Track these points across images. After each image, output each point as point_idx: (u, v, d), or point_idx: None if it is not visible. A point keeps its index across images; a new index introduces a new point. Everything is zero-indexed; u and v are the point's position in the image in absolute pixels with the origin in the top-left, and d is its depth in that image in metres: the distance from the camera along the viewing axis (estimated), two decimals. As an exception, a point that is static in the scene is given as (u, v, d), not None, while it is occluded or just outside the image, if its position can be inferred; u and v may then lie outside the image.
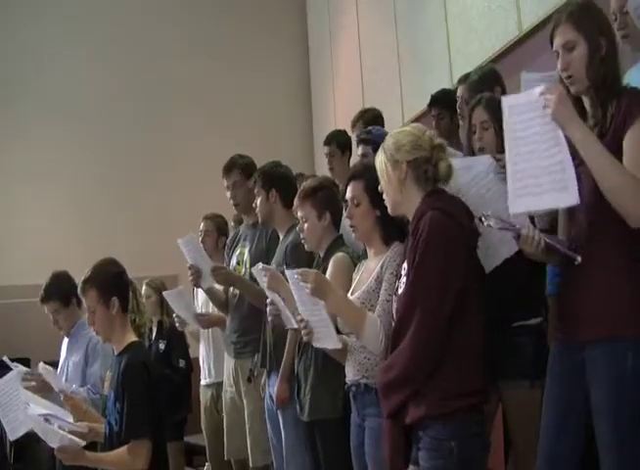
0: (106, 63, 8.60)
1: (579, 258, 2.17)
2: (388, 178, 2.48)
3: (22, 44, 8.40)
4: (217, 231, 4.80)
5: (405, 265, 2.40)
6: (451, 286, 2.28)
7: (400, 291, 2.42)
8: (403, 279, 2.40)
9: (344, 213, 2.94)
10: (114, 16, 8.73)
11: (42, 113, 8.35)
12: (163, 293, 4.70)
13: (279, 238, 3.84)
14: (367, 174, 2.84)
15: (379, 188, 2.54)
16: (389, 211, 2.55)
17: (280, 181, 3.81)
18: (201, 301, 4.91)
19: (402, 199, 2.47)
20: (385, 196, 2.53)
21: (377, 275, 2.71)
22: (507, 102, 2.23)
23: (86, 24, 8.62)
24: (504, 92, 3.51)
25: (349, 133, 4.65)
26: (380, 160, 2.52)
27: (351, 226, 2.86)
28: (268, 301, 3.21)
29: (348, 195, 2.86)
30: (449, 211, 2.36)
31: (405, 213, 2.49)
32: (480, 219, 2.23)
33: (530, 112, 2.16)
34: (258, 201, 3.84)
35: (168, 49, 8.80)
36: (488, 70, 3.71)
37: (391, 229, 2.78)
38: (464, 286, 2.29)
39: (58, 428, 2.84)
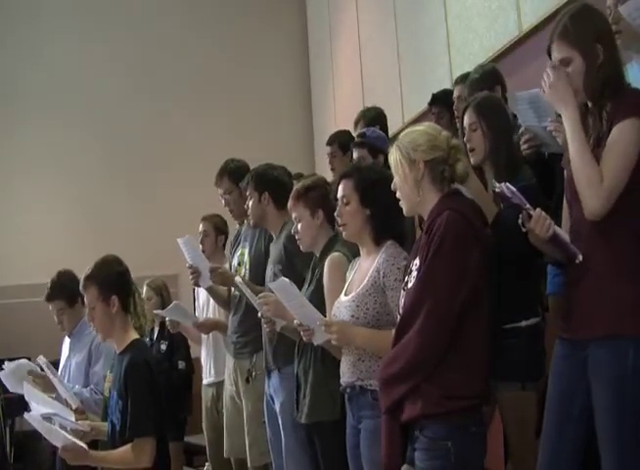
0: (106, 60, 8.60)
1: (581, 257, 2.19)
2: (405, 177, 2.46)
3: (22, 39, 8.40)
4: (215, 231, 4.81)
5: (417, 261, 2.39)
6: (461, 285, 2.28)
7: (410, 285, 2.41)
8: (414, 274, 2.39)
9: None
10: (114, 13, 8.73)
11: (42, 112, 8.35)
12: (161, 313, 4.73)
13: None
14: (357, 174, 2.86)
15: (392, 185, 2.52)
16: (405, 211, 2.53)
17: (272, 184, 3.83)
18: (202, 300, 4.92)
19: (419, 199, 2.45)
20: (399, 194, 2.50)
21: (373, 279, 2.71)
22: None
23: (86, 20, 8.62)
24: (504, 91, 3.52)
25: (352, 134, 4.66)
26: (394, 157, 2.49)
27: (341, 225, 2.87)
28: (259, 315, 3.25)
29: (339, 194, 2.87)
30: (465, 213, 2.36)
31: (421, 213, 2.49)
32: (494, 189, 2.27)
33: None
34: (250, 202, 3.86)
35: (169, 49, 8.80)
36: (490, 68, 3.72)
37: (382, 229, 2.78)
38: (474, 287, 2.29)
39: (60, 428, 2.84)
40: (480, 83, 3.44)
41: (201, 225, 4.85)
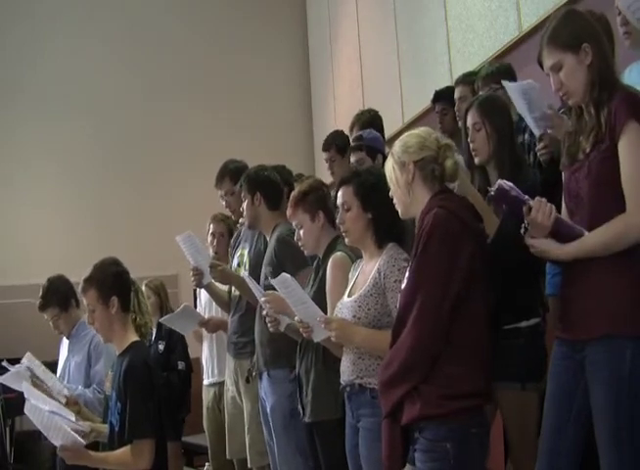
0: (106, 60, 8.58)
1: (587, 233, 2.19)
2: (397, 181, 2.48)
3: (22, 39, 8.37)
4: (229, 233, 4.78)
5: (411, 262, 2.41)
6: (451, 282, 2.28)
7: (403, 286, 2.43)
8: (407, 274, 2.41)
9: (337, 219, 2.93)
10: (115, 13, 8.71)
11: (42, 112, 8.34)
12: (163, 320, 4.71)
13: None
14: (356, 179, 2.86)
15: (389, 193, 2.54)
16: (400, 214, 2.55)
17: (264, 185, 3.83)
18: (204, 301, 4.92)
19: (411, 200, 2.47)
20: (395, 200, 2.53)
21: (374, 280, 2.72)
22: None
23: (86, 20, 8.61)
24: None
25: (347, 134, 4.65)
26: (389, 165, 2.53)
27: (344, 232, 2.87)
28: (264, 313, 3.25)
29: (339, 201, 2.88)
30: (453, 209, 2.36)
31: (415, 215, 2.49)
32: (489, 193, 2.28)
33: None
34: (245, 205, 3.88)
35: (169, 49, 8.79)
36: (506, 65, 3.72)
37: (384, 231, 2.79)
38: (466, 284, 2.29)
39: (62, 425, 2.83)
40: (496, 76, 3.44)
41: (212, 225, 4.81)
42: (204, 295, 4.89)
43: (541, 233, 2.24)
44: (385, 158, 3.66)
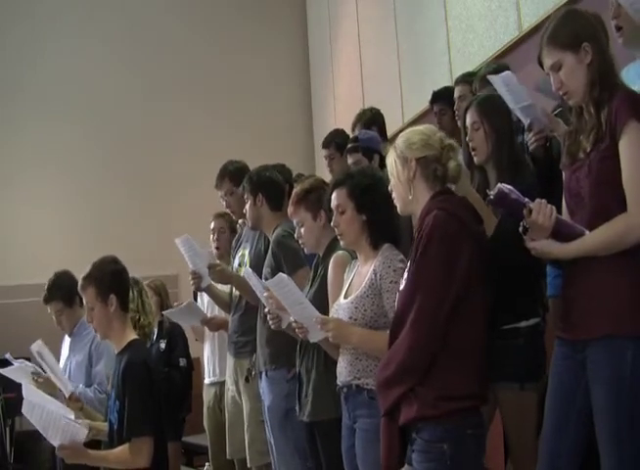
0: (106, 60, 8.59)
1: (587, 232, 2.19)
2: (398, 176, 2.48)
3: (22, 38, 8.37)
4: (230, 229, 4.80)
5: (409, 264, 2.41)
6: (450, 284, 2.27)
7: (402, 287, 2.43)
8: (406, 275, 2.41)
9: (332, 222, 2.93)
10: (114, 13, 8.71)
11: (42, 112, 8.34)
12: (166, 313, 4.70)
13: None
14: (349, 180, 2.86)
15: (388, 187, 2.54)
16: (399, 209, 2.54)
17: (266, 185, 3.84)
18: (206, 301, 4.92)
19: (411, 198, 2.46)
20: (393, 194, 2.52)
21: (370, 281, 2.72)
22: None
23: (86, 20, 8.61)
24: None
25: (348, 133, 4.66)
26: (390, 158, 2.52)
27: (339, 234, 2.87)
28: (266, 310, 3.25)
29: (333, 203, 2.87)
30: (454, 211, 2.36)
31: (414, 212, 2.49)
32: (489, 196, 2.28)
33: None
34: (247, 205, 3.89)
35: (169, 49, 8.80)
36: (504, 65, 3.72)
37: (379, 232, 2.79)
38: (466, 285, 2.29)
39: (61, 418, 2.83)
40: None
41: (214, 222, 4.84)
42: (205, 296, 4.89)
43: (542, 235, 2.24)
44: (382, 157, 3.67)
